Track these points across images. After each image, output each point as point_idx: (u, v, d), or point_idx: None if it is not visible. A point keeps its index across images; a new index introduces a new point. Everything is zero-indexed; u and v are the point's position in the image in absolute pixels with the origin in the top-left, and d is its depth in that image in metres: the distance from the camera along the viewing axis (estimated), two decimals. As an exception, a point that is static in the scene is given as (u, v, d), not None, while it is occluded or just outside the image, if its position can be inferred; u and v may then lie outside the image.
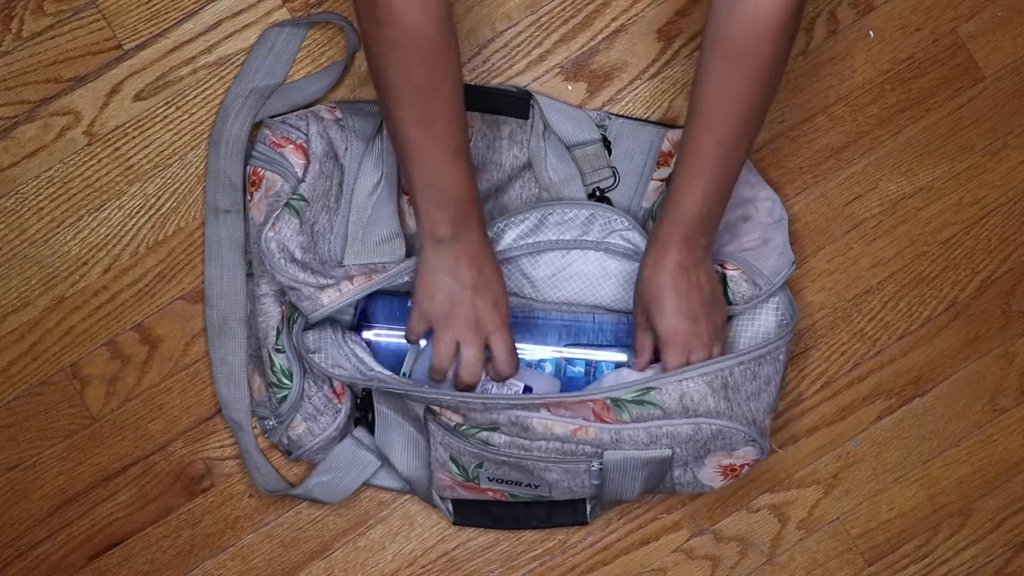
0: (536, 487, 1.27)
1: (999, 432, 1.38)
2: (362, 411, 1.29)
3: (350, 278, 1.23)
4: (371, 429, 1.29)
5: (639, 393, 1.20)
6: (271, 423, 1.29)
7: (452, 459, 1.25)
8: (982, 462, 1.38)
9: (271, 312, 1.28)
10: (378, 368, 1.24)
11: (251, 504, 1.34)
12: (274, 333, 1.27)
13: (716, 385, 1.20)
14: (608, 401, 1.20)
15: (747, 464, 1.25)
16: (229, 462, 1.34)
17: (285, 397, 1.27)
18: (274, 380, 1.27)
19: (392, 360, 1.28)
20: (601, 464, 1.23)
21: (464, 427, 1.23)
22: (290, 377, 1.27)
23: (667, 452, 1.21)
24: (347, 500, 1.34)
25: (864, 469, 1.37)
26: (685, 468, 1.25)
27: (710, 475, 1.25)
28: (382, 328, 1.28)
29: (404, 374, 1.27)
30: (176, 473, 1.34)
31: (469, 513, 1.32)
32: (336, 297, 1.22)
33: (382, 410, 1.26)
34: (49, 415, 1.33)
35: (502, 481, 1.26)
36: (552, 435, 1.21)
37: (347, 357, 1.24)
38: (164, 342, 1.33)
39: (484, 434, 1.22)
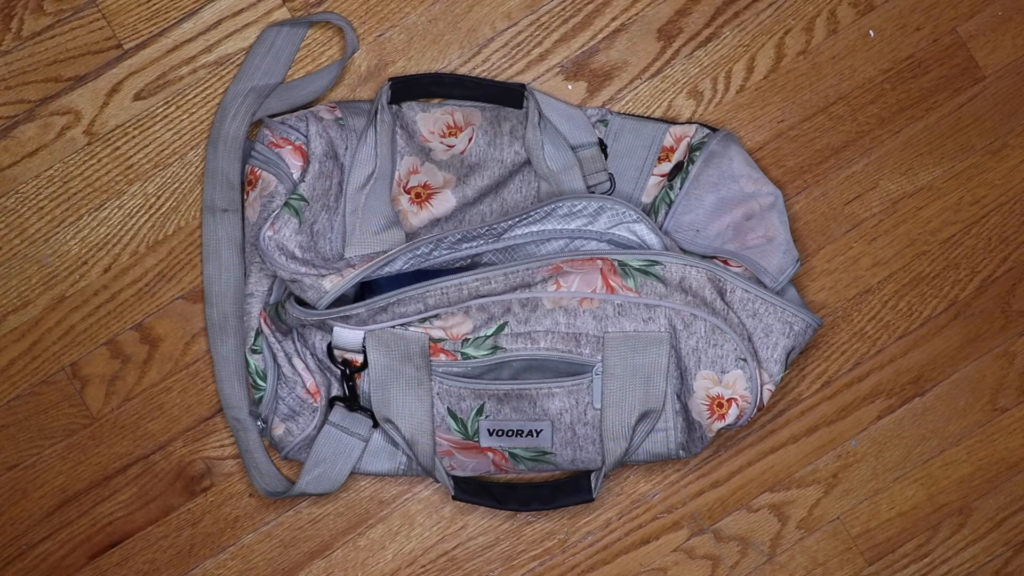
0: (538, 433, 1.26)
1: (999, 432, 1.38)
2: (350, 383, 1.28)
3: (352, 266, 1.23)
4: (351, 405, 1.28)
5: (645, 264, 1.24)
6: (260, 423, 1.30)
7: (451, 413, 1.25)
8: (982, 462, 1.38)
9: (253, 313, 1.28)
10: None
11: (251, 504, 1.34)
12: (252, 334, 1.28)
13: (715, 285, 1.25)
14: (616, 263, 1.24)
15: (734, 400, 1.25)
16: (229, 462, 1.34)
17: (261, 399, 1.28)
18: (250, 381, 1.28)
19: None
20: (602, 362, 1.24)
21: (472, 340, 1.23)
22: (264, 378, 1.27)
23: (665, 333, 1.24)
24: (347, 500, 1.34)
25: (864, 469, 1.37)
26: (678, 392, 1.26)
27: (698, 406, 1.26)
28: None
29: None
30: (176, 472, 1.34)
31: (471, 489, 1.30)
32: (338, 282, 1.22)
33: (377, 360, 1.25)
34: (49, 415, 1.33)
35: (502, 433, 1.26)
36: (561, 309, 1.23)
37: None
38: (164, 341, 1.33)
39: (492, 340, 1.23)
